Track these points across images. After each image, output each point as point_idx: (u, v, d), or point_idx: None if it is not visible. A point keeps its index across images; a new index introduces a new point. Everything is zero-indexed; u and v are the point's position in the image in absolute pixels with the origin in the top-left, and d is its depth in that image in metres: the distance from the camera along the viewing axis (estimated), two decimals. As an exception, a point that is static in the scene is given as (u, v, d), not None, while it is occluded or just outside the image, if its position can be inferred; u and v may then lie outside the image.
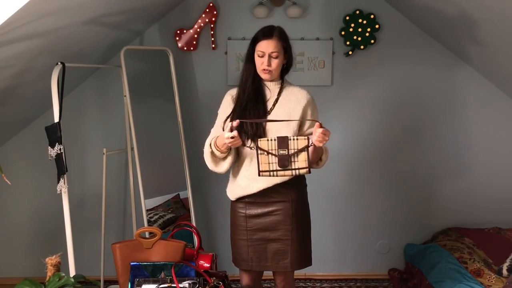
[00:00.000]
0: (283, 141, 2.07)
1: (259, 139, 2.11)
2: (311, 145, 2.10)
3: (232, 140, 2.10)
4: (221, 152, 2.24)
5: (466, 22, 2.82)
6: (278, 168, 2.08)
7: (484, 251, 3.14)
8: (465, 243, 3.25)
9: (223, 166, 2.31)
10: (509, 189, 3.58)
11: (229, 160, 2.29)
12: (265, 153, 2.08)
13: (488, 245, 3.20)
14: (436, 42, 3.46)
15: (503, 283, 2.72)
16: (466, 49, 3.27)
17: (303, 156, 2.07)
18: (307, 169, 2.09)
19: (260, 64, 2.26)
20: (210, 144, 2.28)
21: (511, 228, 3.42)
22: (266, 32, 2.25)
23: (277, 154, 2.07)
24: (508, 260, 2.86)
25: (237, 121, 2.11)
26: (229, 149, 2.26)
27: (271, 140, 2.08)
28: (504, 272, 2.81)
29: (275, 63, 2.24)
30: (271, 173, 2.10)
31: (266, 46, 2.23)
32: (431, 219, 3.65)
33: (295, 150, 2.07)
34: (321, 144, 2.09)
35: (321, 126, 2.08)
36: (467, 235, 3.38)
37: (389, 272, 3.65)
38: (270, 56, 2.23)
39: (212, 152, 2.28)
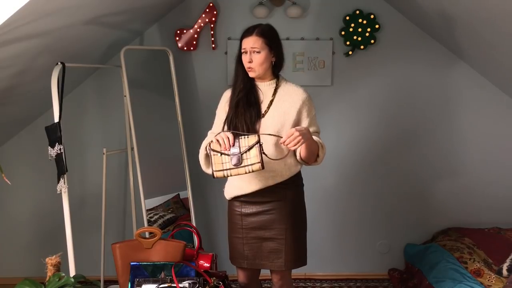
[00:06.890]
0: (233, 140, 2.08)
1: (210, 142, 2.12)
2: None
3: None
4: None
5: (467, 22, 2.82)
6: (231, 167, 2.09)
7: (484, 251, 3.14)
8: (465, 243, 3.25)
9: None
10: (509, 189, 3.57)
11: None
12: (218, 153, 2.10)
13: (488, 245, 3.20)
14: (436, 42, 3.46)
15: (503, 283, 2.72)
16: (466, 49, 3.27)
17: (254, 151, 2.07)
18: (260, 163, 2.07)
19: (245, 62, 2.28)
20: (206, 147, 2.27)
21: (511, 228, 3.42)
22: (247, 30, 2.29)
23: (229, 153, 2.09)
24: (508, 260, 2.86)
25: (229, 133, 2.11)
26: None
27: None
28: (504, 272, 2.81)
29: (256, 58, 2.24)
30: (225, 172, 2.10)
31: (246, 43, 2.26)
32: (431, 219, 3.64)
33: (246, 148, 2.07)
34: (297, 146, 2.08)
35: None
36: (467, 235, 3.37)
37: (389, 272, 3.65)
38: (251, 52, 2.24)
39: (206, 155, 2.27)
